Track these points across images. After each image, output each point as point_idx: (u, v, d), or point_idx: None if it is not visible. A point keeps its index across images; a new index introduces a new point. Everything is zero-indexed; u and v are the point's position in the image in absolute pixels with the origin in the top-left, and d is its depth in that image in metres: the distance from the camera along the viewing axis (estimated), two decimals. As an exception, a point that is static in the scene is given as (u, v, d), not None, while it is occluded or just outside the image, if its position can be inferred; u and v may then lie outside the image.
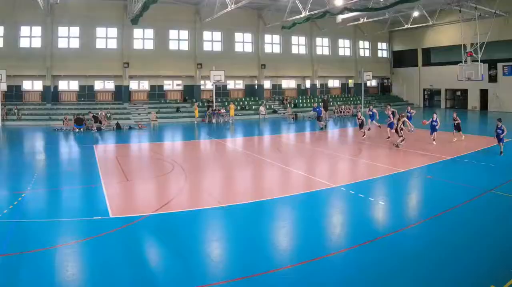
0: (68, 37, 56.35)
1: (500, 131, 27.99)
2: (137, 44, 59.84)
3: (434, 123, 33.16)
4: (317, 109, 48.12)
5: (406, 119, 32.59)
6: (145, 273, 11.74)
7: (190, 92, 64.13)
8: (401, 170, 24.49)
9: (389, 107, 37.39)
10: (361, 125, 37.43)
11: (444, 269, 11.58)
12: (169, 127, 49.92)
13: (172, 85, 65.28)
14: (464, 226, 15.23)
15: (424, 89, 76.92)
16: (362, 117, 37.45)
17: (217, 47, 65.02)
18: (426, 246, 13.40)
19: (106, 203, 18.01)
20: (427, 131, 34.05)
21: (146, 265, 12.37)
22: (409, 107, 40.59)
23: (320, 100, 66.04)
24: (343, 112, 63.48)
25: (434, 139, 32.83)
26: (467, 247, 13.23)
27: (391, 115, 35.25)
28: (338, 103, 68.97)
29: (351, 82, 78.32)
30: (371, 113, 40.43)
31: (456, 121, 34.61)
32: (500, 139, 28.38)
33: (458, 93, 72.09)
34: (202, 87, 64.10)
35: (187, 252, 13.11)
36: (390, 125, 35.07)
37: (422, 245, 13.50)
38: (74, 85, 59.66)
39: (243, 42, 67.07)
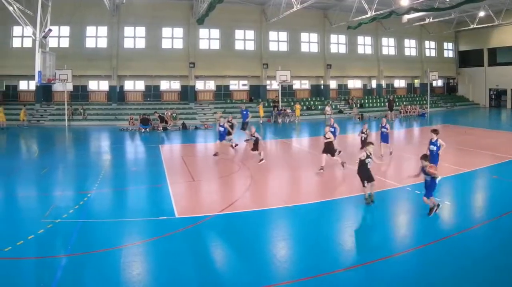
0: (134, 37, 53.00)
1: None
2: (203, 44, 55.52)
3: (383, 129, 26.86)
4: (244, 113, 36.91)
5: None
6: (210, 273, 11.18)
7: (256, 92, 59.21)
8: (467, 170, 22.98)
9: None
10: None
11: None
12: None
13: (238, 85, 60.46)
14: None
15: (490, 89, 69.91)
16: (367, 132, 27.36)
17: (283, 47, 59.50)
18: (494, 247, 12.48)
19: (172, 203, 17.06)
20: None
21: (211, 265, 11.77)
22: (384, 120, 28.32)
23: (385, 100, 61.16)
24: (409, 112, 58.36)
25: (388, 153, 26.96)
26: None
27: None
28: (404, 103, 62.77)
29: (417, 82, 71.88)
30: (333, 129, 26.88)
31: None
32: None
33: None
34: (268, 87, 59.17)
35: (252, 252, 12.42)
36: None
37: (489, 246, 12.63)
38: (140, 85, 56.21)
39: (309, 42, 60.99)
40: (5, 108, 46.24)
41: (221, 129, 28.31)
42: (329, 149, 22.70)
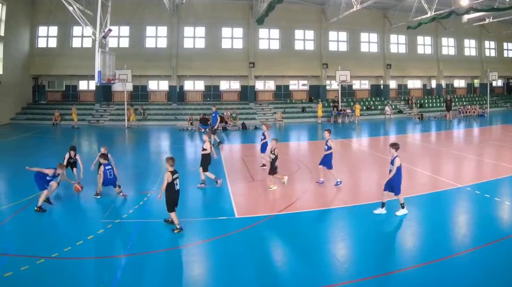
0: (194, 37, 49.96)
1: None
2: (262, 44, 52.08)
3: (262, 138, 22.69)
4: (213, 115, 33.47)
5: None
6: (269, 273, 10.45)
7: (316, 92, 54.80)
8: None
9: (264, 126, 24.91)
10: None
11: None
12: (294, 127, 43.84)
13: (297, 85, 56.29)
14: None
15: (551, 91, 61.21)
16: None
17: (343, 47, 55.09)
18: None
19: (231, 203, 16.08)
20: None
21: (270, 265, 10.98)
22: (264, 127, 23.33)
23: (443, 100, 55.97)
24: (468, 112, 53.77)
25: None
26: None
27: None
28: (464, 103, 57.91)
29: (476, 82, 66.54)
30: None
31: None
32: None
33: None
34: (327, 87, 55.28)
35: (311, 252, 11.62)
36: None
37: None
38: (199, 85, 53.05)
39: (369, 42, 56.38)
40: (64, 108, 44.79)
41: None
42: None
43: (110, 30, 33.39)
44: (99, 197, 16.42)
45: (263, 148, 22.14)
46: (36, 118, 44.21)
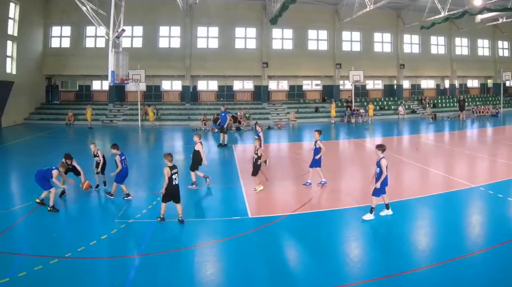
0: (207, 37, 49.28)
1: None
2: (276, 44, 51.32)
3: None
4: (222, 115, 32.59)
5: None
6: (283, 273, 10.24)
7: (329, 92, 53.85)
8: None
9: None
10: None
11: None
12: (308, 127, 42.39)
13: (311, 85, 55.36)
14: None
15: None
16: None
17: (356, 47, 54.25)
18: None
19: (245, 203, 15.78)
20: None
21: (284, 265, 10.78)
22: (258, 127, 24.49)
23: (456, 100, 54.93)
24: (482, 112, 53.07)
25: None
26: None
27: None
28: (477, 103, 56.99)
29: (490, 82, 65.28)
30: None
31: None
32: None
33: None
34: (341, 87, 54.42)
35: (325, 252, 11.38)
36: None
37: None
38: (213, 85, 52.30)
39: (382, 42, 55.41)
40: (77, 108, 44.44)
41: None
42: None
43: (123, 30, 32.73)
44: (113, 197, 16.17)
45: None
46: (50, 118, 43.54)
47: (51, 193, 14.33)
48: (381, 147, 13.80)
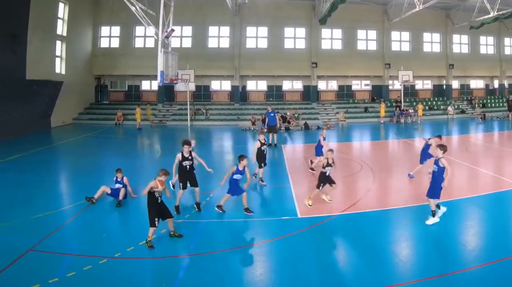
0: (256, 37, 47.85)
1: None
2: (325, 44, 49.53)
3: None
4: (271, 115, 30.39)
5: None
6: (332, 273, 10.03)
7: (378, 92, 52.08)
8: None
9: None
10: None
11: None
12: (357, 127, 41.97)
13: (360, 85, 53.59)
14: None
15: None
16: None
17: (405, 47, 52.16)
18: None
19: (294, 203, 15.38)
20: None
21: (333, 265, 10.50)
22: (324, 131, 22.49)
23: (505, 100, 53.00)
24: (530, 112, 48.31)
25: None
26: None
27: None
28: (526, 104, 52.54)
29: (540, 82, 60.60)
30: None
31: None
32: None
33: None
34: (390, 87, 52.60)
35: (374, 252, 10.98)
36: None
37: None
38: (262, 85, 50.79)
39: (431, 42, 53.10)
40: (126, 108, 43.64)
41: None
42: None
43: (172, 30, 31.71)
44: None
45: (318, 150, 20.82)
46: (99, 118, 42.81)
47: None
48: (442, 147, 13.17)
